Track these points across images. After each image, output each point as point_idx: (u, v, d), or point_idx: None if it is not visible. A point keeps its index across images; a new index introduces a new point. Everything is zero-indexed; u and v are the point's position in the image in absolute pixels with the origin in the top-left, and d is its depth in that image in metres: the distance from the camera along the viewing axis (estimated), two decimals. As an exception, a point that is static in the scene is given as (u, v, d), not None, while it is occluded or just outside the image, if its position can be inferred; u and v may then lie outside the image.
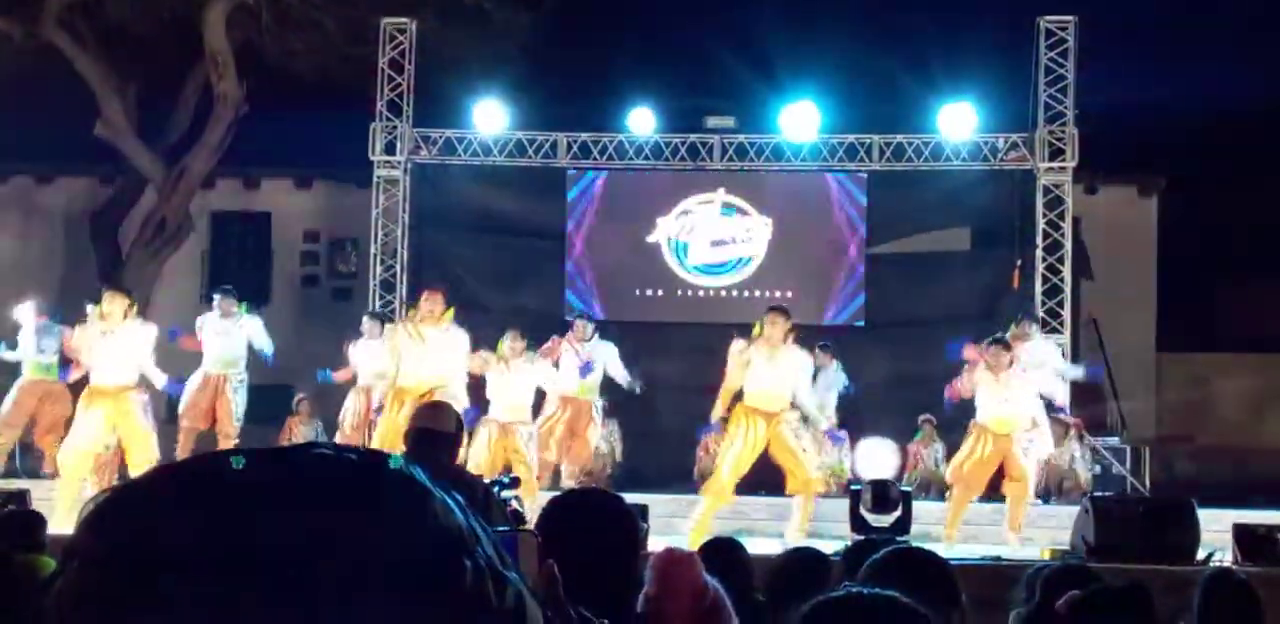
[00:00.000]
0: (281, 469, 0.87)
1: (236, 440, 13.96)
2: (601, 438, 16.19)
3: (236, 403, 14.36)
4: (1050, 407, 13.74)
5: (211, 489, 0.85)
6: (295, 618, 0.81)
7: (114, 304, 12.83)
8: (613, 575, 3.31)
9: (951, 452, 16.88)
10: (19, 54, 19.97)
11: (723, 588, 4.20)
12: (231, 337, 14.42)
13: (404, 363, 12.92)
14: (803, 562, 5.47)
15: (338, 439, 14.58)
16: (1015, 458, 12.81)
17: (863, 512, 11.26)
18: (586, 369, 14.95)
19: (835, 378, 16.20)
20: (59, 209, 22.72)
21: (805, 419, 13.54)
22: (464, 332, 13.09)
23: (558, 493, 4.81)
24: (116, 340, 12.73)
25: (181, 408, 14.30)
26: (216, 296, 14.82)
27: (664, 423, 17.08)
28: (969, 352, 13.53)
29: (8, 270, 22.00)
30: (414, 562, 0.84)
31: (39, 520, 6.80)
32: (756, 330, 12.61)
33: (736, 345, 12.58)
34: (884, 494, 11.38)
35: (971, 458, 12.91)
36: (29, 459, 16.75)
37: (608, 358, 15.42)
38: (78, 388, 13.62)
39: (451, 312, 13.11)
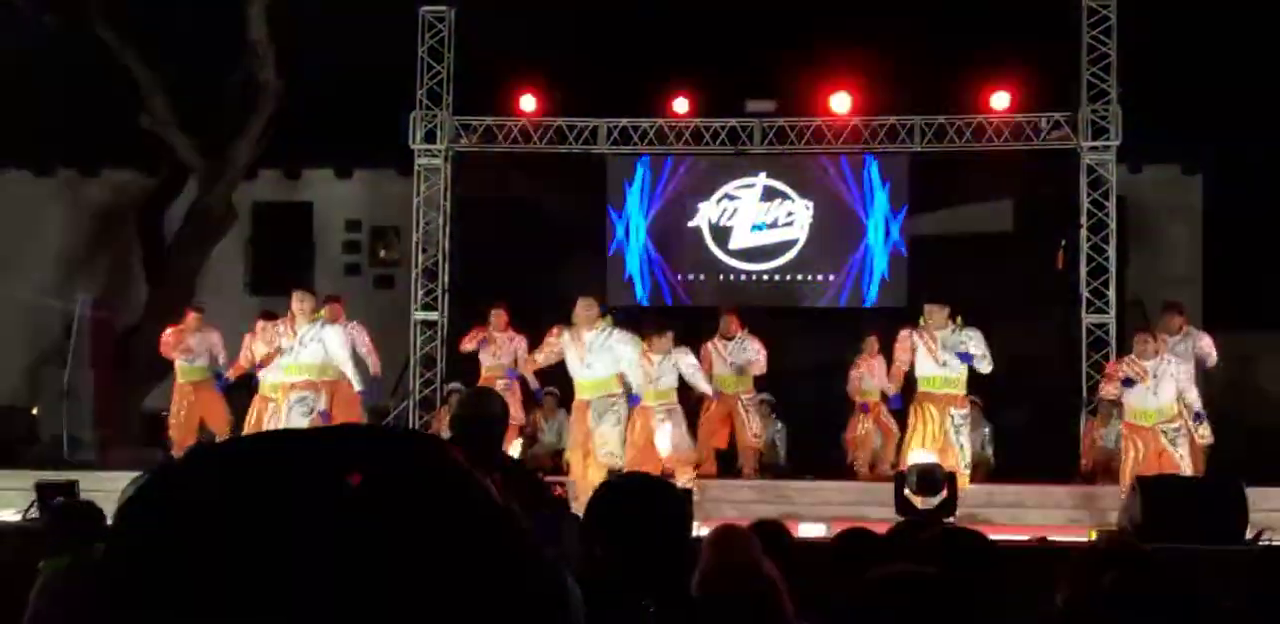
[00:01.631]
0: (323, 450, 0.88)
1: None
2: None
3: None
4: None
5: (252, 471, 0.86)
6: (334, 592, 0.82)
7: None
8: (662, 558, 3.31)
9: (998, 434, 16.92)
10: (63, 46, 20.09)
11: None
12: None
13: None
14: (856, 542, 5.46)
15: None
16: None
17: (908, 494, 11.24)
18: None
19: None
20: (103, 201, 22.86)
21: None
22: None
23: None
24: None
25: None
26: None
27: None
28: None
29: (53, 262, 22.19)
30: (452, 541, 0.85)
31: (95, 510, 6.75)
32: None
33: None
34: (930, 476, 11.35)
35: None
36: (76, 450, 16.93)
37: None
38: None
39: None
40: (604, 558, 3.09)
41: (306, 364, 13.40)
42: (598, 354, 12.79)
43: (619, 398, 13.09)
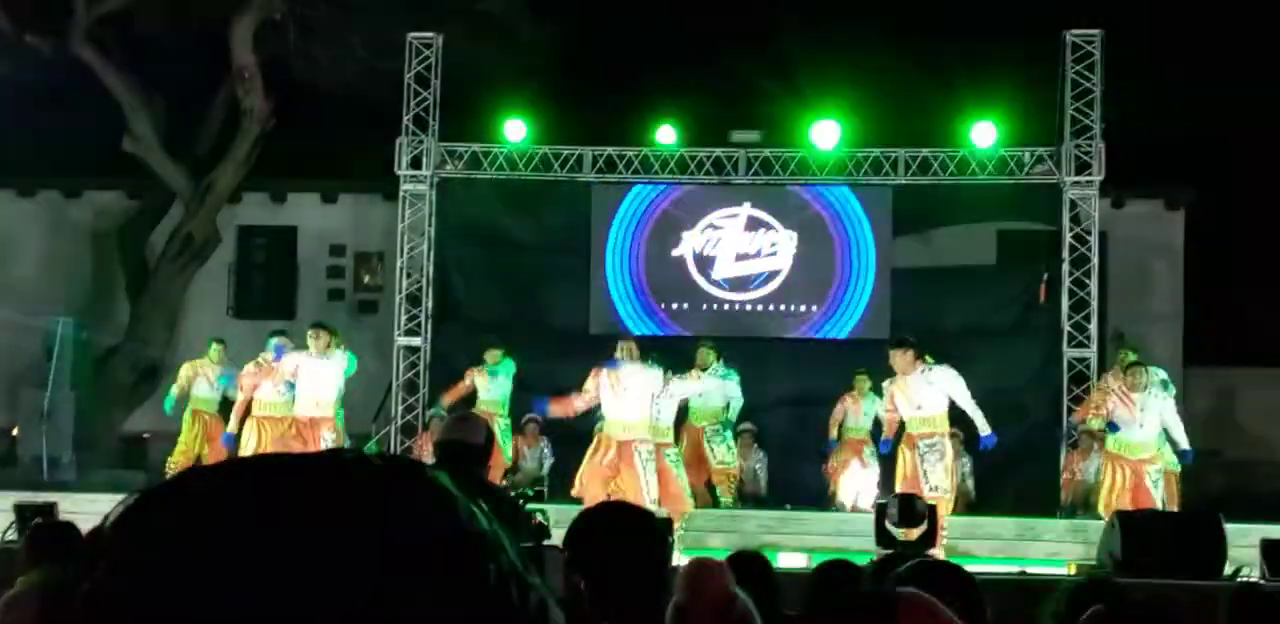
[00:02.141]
0: (310, 473, 0.88)
1: None
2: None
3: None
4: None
5: (241, 492, 0.86)
6: (321, 618, 0.82)
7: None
8: (640, 588, 3.31)
9: (976, 466, 16.93)
10: (48, 68, 20.09)
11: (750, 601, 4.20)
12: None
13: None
14: (837, 573, 5.44)
15: None
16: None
17: (888, 526, 11.22)
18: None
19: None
20: (86, 223, 22.83)
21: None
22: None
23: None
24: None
25: None
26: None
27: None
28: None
29: (35, 284, 22.13)
30: (439, 565, 0.85)
31: (70, 529, 6.75)
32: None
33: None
34: (910, 508, 11.34)
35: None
36: (56, 471, 16.85)
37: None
38: None
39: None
40: (584, 587, 3.09)
41: (327, 401, 13.77)
42: (634, 392, 12.97)
43: (651, 443, 13.22)
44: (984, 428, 13.17)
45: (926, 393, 12.85)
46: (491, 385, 16.09)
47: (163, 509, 0.87)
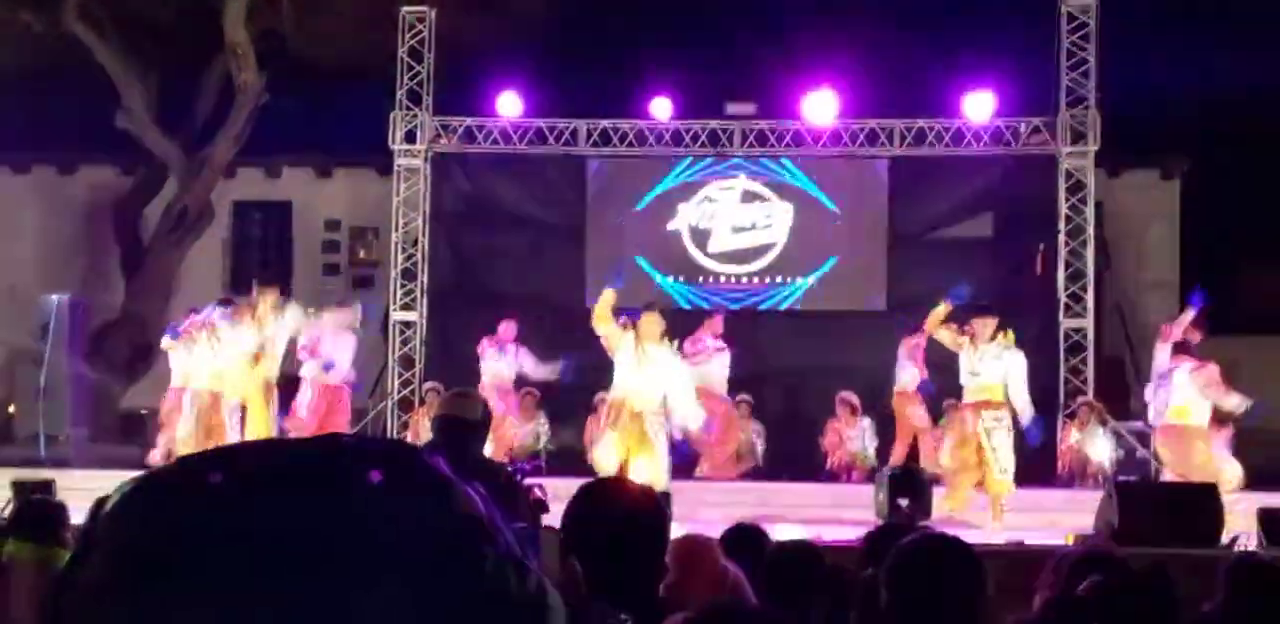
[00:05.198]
0: (306, 458, 0.88)
1: None
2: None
3: None
4: None
5: (236, 478, 0.86)
6: (318, 604, 0.82)
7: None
8: (640, 563, 3.31)
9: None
10: (40, 44, 20.02)
11: (745, 574, 4.21)
12: None
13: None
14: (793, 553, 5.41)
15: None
16: None
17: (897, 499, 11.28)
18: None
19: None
20: (81, 199, 22.79)
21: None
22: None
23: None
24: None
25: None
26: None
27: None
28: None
29: (30, 260, 22.11)
30: (436, 549, 0.85)
31: (60, 512, 6.69)
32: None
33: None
34: (911, 480, 11.38)
35: None
36: (52, 448, 16.87)
37: None
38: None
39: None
40: (581, 565, 3.09)
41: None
42: (659, 367, 12.91)
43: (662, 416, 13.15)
44: (1027, 417, 13.16)
45: (993, 366, 12.98)
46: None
47: (157, 498, 0.86)
